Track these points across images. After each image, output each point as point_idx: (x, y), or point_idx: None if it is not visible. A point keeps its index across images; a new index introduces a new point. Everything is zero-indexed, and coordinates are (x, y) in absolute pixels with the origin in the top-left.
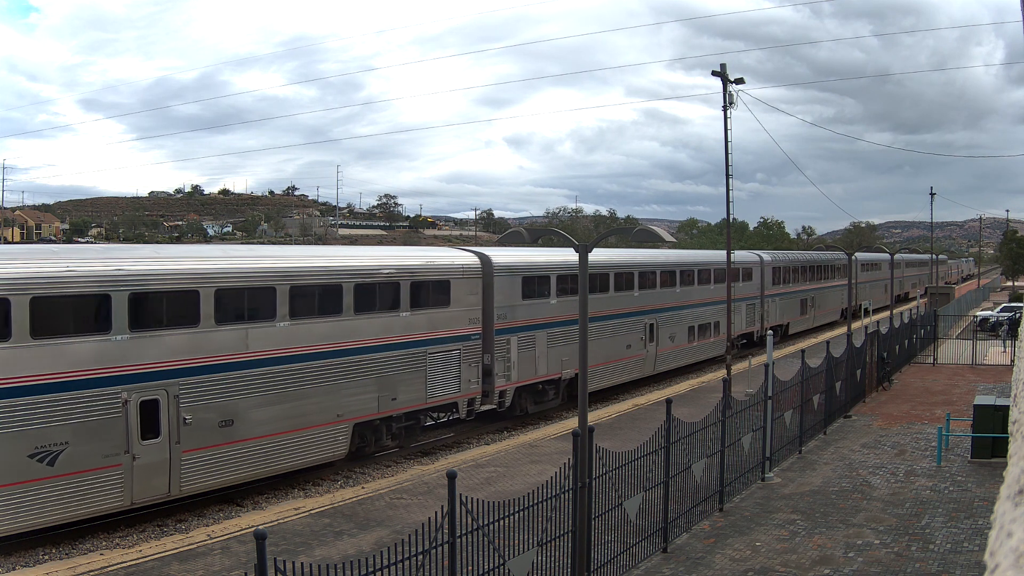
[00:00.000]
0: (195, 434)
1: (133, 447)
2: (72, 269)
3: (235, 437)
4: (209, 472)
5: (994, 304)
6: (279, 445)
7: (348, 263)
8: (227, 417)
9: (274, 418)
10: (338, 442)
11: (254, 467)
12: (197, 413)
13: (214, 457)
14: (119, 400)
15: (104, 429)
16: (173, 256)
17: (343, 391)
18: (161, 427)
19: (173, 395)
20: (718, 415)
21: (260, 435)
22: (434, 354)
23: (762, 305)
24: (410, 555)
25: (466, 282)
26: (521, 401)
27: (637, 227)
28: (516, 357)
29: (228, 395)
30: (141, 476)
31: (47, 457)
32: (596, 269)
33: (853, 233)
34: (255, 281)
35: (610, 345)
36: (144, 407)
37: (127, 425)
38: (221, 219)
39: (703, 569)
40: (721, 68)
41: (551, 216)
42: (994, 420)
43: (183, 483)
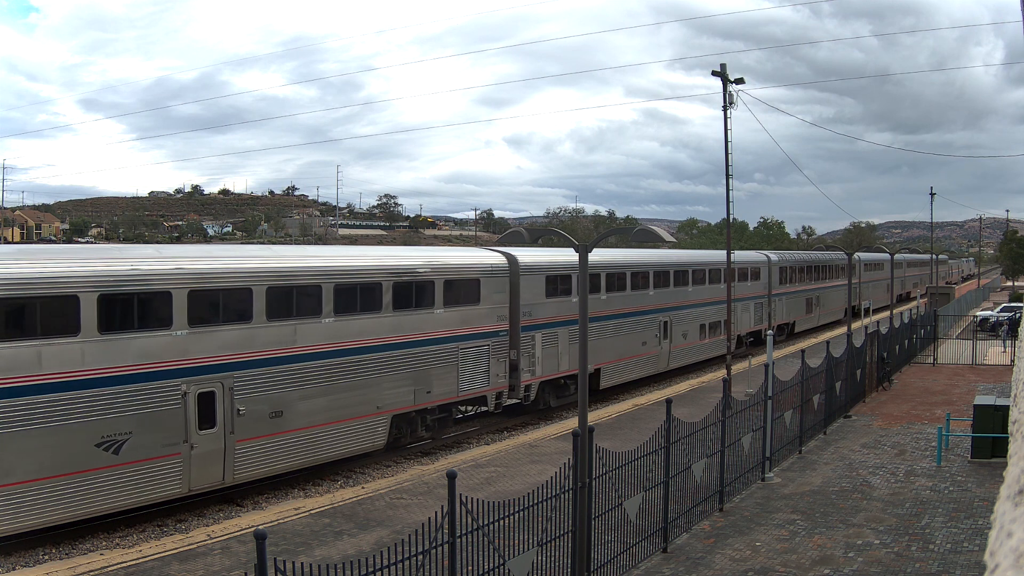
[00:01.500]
0: (248, 424)
1: (191, 437)
2: (136, 268)
3: (284, 428)
4: (260, 461)
5: (994, 304)
6: (323, 436)
7: (387, 262)
8: (277, 409)
9: (319, 410)
10: (377, 433)
11: (300, 456)
12: (250, 405)
13: (265, 446)
14: (179, 392)
15: (165, 419)
16: (227, 256)
17: (382, 384)
18: (217, 418)
19: (228, 387)
20: (718, 415)
21: (306, 426)
22: (465, 349)
23: (769, 304)
24: (410, 555)
25: (494, 281)
26: (544, 395)
27: (637, 227)
28: (540, 353)
29: (278, 387)
30: (198, 464)
31: (113, 446)
32: (613, 268)
33: (853, 233)
34: (303, 279)
35: (627, 342)
36: (201, 399)
37: (186, 416)
38: (221, 219)
39: (703, 569)
40: (721, 68)
41: (551, 216)
42: (994, 420)
43: (236, 471)
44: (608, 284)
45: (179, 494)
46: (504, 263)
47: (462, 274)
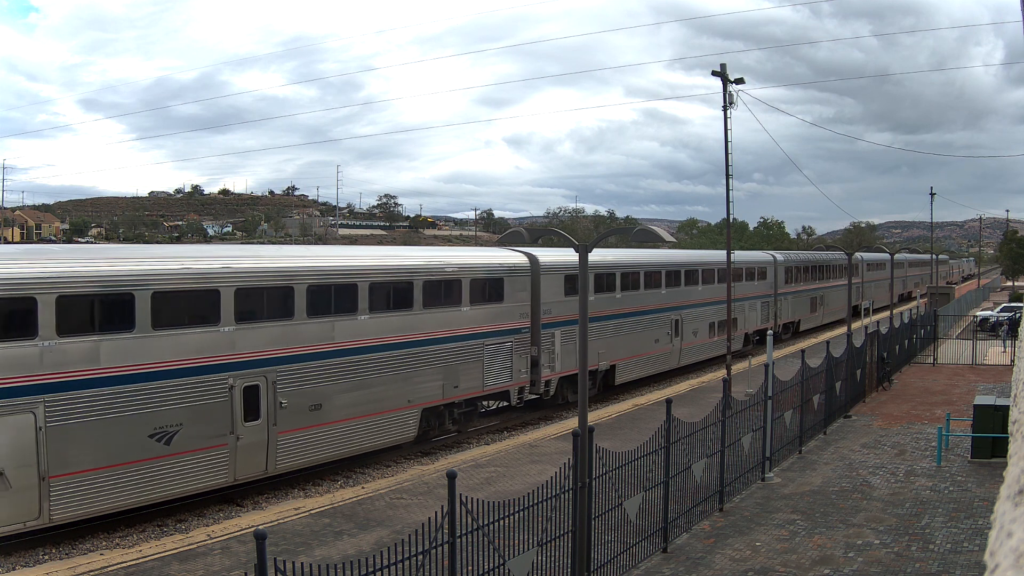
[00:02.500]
0: (289, 417)
1: (237, 428)
2: (188, 267)
3: (322, 420)
4: (300, 452)
5: (994, 304)
6: (359, 428)
7: (418, 262)
8: (316, 402)
9: (355, 403)
10: (408, 426)
11: (338, 448)
12: (291, 398)
13: (305, 438)
14: (226, 385)
15: (213, 412)
16: (271, 255)
17: (413, 379)
18: (261, 410)
19: (271, 381)
20: (718, 415)
21: (343, 418)
22: (490, 346)
23: (775, 303)
24: (410, 555)
25: (517, 279)
26: (562, 391)
27: (637, 227)
28: (559, 349)
29: (317, 381)
30: (244, 455)
31: (165, 437)
32: (627, 268)
33: (853, 233)
34: (340, 278)
35: (640, 339)
36: (247, 392)
37: (232, 408)
38: (221, 219)
39: (703, 569)
40: (721, 68)
41: (551, 216)
42: (994, 420)
43: (278, 462)
44: (623, 283)
45: (226, 483)
46: (526, 263)
47: (487, 273)
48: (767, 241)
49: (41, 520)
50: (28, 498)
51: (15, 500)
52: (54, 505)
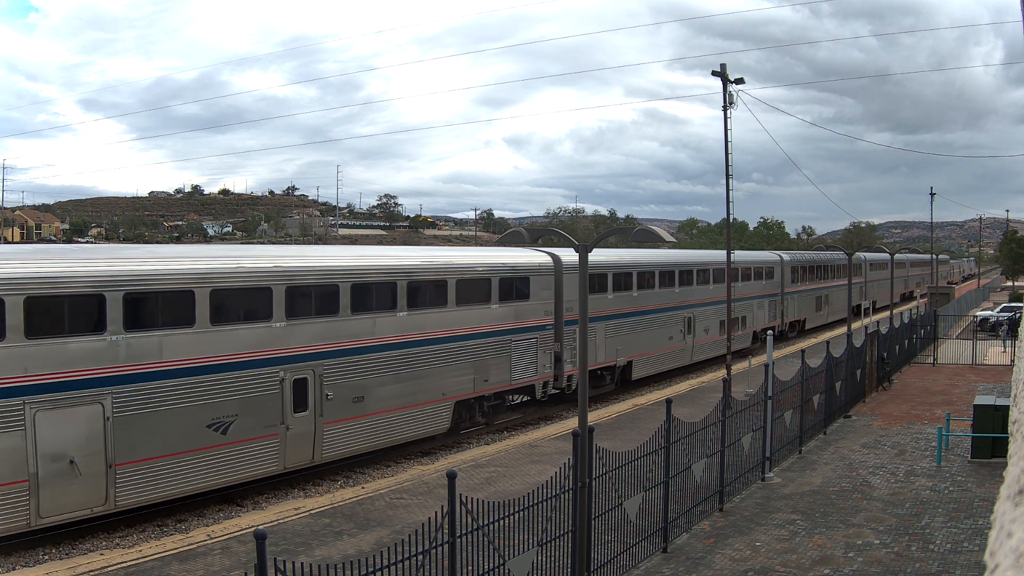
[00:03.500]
0: (334, 408)
1: (287, 419)
2: (242, 265)
3: (365, 412)
4: (344, 442)
5: (994, 304)
6: (397, 419)
7: (451, 261)
8: (359, 394)
9: (394, 395)
10: (442, 418)
11: (378, 438)
12: (336, 390)
13: (348, 429)
14: (278, 378)
15: (266, 403)
16: (317, 255)
17: (446, 373)
18: (309, 402)
19: (318, 374)
20: (718, 415)
21: (383, 410)
22: (517, 342)
23: (782, 302)
24: (410, 555)
25: (542, 278)
26: None
27: (637, 227)
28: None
29: (360, 375)
30: (293, 444)
31: (222, 427)
32: (643, 268)
33: (853, 233)
34: (381, 277)
35: (655, 337)
36: (296, 384)
37: (283, 400)
38: (221, 219)
39: (703, 569)
40: (721, 68)
41: (551, 216)
42: (994, 420)
43: (324, 451)
44: (639, 282)
45: (276, 471)
46: (550, 262)
47: (515, 273)
48: (767, 241)
49: (107, 506)
50: (96, 485)
51: (84, 486)
52: (119, 492)
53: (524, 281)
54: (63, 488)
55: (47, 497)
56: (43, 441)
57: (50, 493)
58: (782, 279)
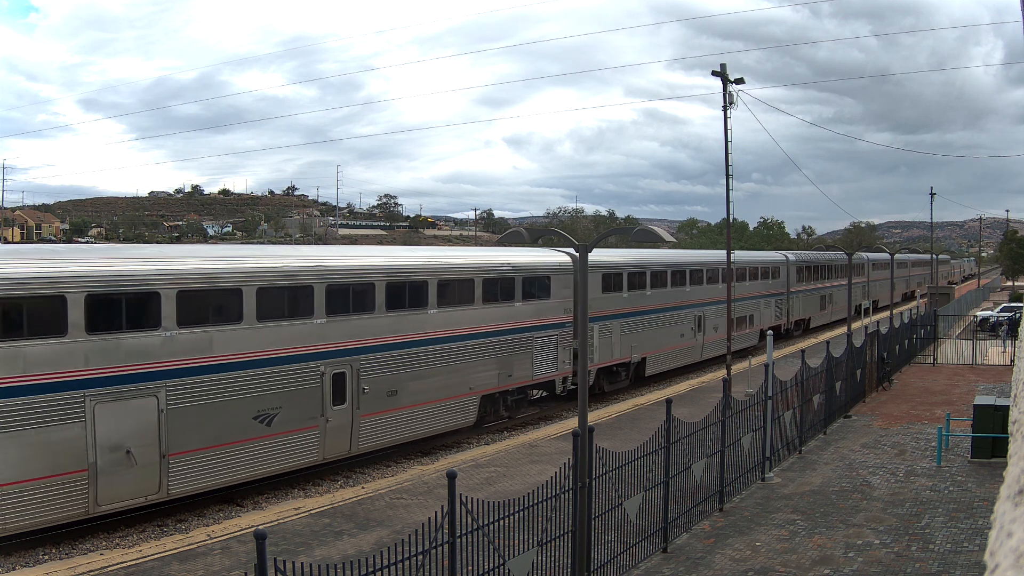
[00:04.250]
0: (370, 401)
1: (327, 411)
2: (287, 265)
3: (397, 405)
4: (378, 433)
5: (994, 304)
6: (428, 412)
7: (478, 261)
8: (393, 388)
9: (424, 390)
10: (469, 411)
11: (410, 430)
12: (372, 384)
13: (383, 421)
14: (318, 372)
15: (307, 396)
16: (355, 255)
17: (473, 368)
18: (346, 395)
19: (355, 369)
20: (718, 415)
21: (414, 404)
22: (538, 338)
23: (788, 301)
24: (410, 555)
25: (561, 277)
26: (599, 381)
27: (637, 227)
28: (597, 342)
29: (394, 369)
30: (331, 436)
31: (266, 419)
32: (656, 267)
33: (853, 233)
34: (414, 276)
35: (668, 334)
36: (335, 378)
37: (323, 393)
38: (221, 219)
39: (703, 569)
40: (721, 68)
41: (551, 216)
42: (994, 420)
43: (360, 442)
44: (652, 281)
45: (316, 462)
46: (569, 262)
47: (537, 272)
48: (767, 241)
49: (160, 494)
50: (150, 474)
51: (139, 476)
52: (172, 481)
53: (545, 280)
54: (120, 477)
55: (105, 486)
56: (102, 432)
57: (108, 482)
58: (787, 279)
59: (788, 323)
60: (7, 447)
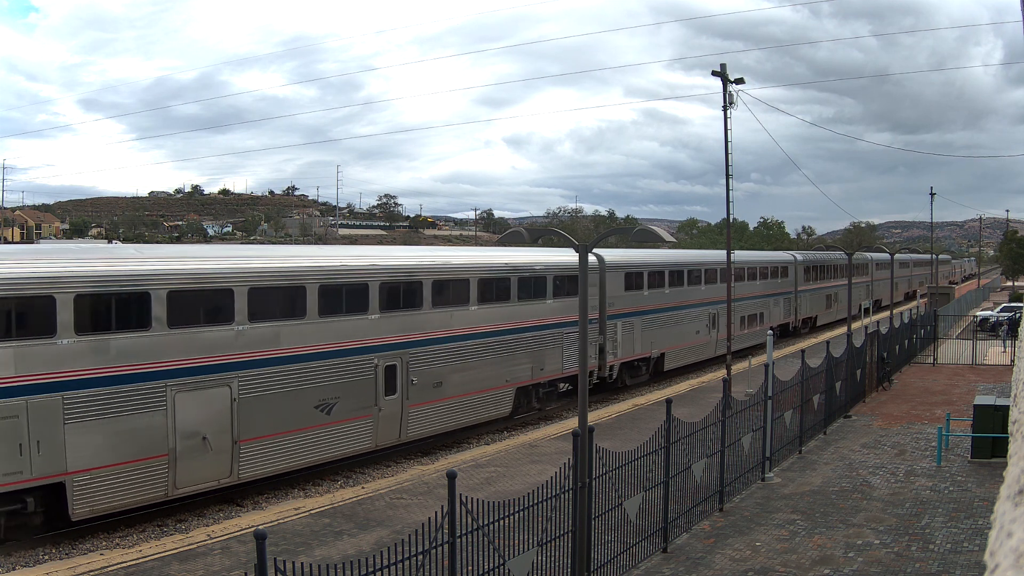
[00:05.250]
0: (418, 392)
1: (380, 401)
2: (345, 264)
3: (442, 396)
4: (425, 423)
5: (994, 304)
6: (469, 403)
7: (513, 261)
8: (438, 380)
9: (466, 381)
10: (505, 402)
11: (452, 420)
12: (420, 376)
13: (429, 411)
14: (373, 364)
15: (363, 387)
16: (405, 255)
17: (509, 362)
18: (397, 386)
19: (405, 361)
20: (718, 415)
21: (457, 395)
22: (567, 334)
23: (795, 299)
24: (410, 555)
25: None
26: (622, 375)
27: (637, 227)
28: (620, 338)
29: (438, 362)
30: (383, 424)
31: (326, 408)
32: (674, 267)
33: (853, 233)
34: (457, 274)
35: (684, 331)
36: (387, 370)
37: (376, 384)
38: (221, 219)
39: (703, 569)
40: (721, 68)
41: (551, 216)
42: (994, 420)
43: (408, 431)
44: (670, 280)
45: (369, 449)
46: (595, 261)
47: (566, 271)
48: (767, 241)
49: (232, 478)
50: (223, 459)
51: (214, 461)
52: (242, 466)
53: (574, 279)
54: (196, 462)
55: (183, 470)
56: (181, 419)
57: (186, 466)
58: (795, 278)
59: (796, 321)
60: (97, 434)
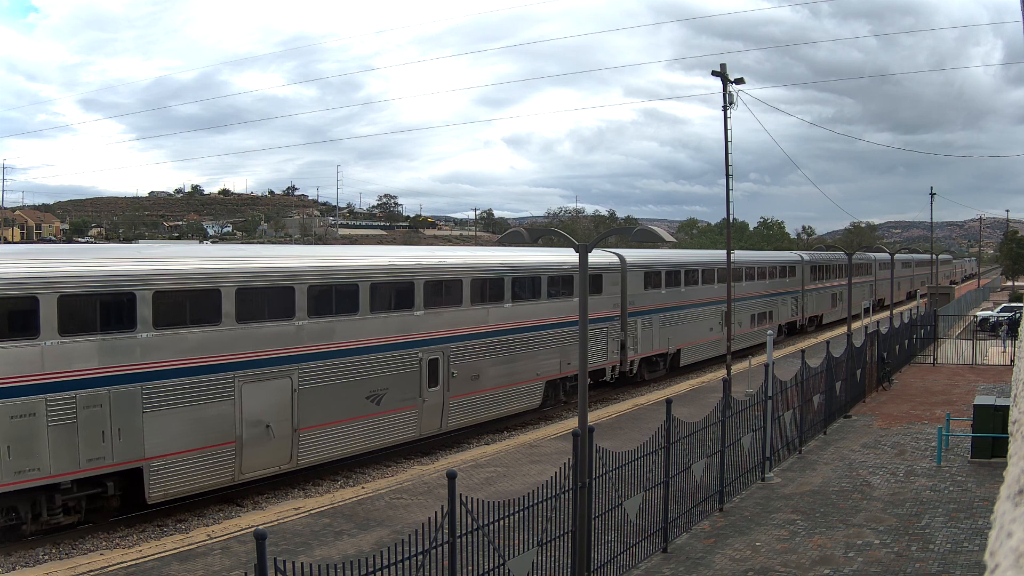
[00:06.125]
0: (458, 384)
1: (423, 392)
2: (393, 263)
3: (479, 388)
4: (464, 413)
5: (994, 304)
6: (503, 395)
7: (543, 260)
8: (476, 373)
9: (501, 375)
10: (536, 395)
11: (488, 411)
12: (459, 369)
13: (467, 402)
14: (417, 358)
15: (408, 379)
16: (447, 255)
17: (539, 356)
18: (439, 378)
19: (447, 355)
20: (718, 415)
21: (493, 387)
22: (593, 330)
23: (803, 298)
24: (410, 555)
25: (611, 275)
26: (641, 370)
27: (637, 227)
28: (640, 335)
29: (476, 356)
30: (427, 415)
31: (376, 398)
32: (689, 266)
33: (853, 233)
34: (494, 273)
35: (699, 328)
36: (430, 363)
37: (421, 376)
38: (221, 219)
39: (703, 569)
40: (721, 68)
41: (551, 216)
42: (994, 420)
43: (449, 421)
44: (686, 279)
45: (413, 438)
46: (617, 261)
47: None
48: (767, 241)
49: (291, 464)
50: (284, 446)
51: (276, 447)
52: (301, 452)
53: (598, 278)
54: (261, 449)
55: (249, 456)
56: (247, 409)
57: (251, 452)
58: (802, 277)
59: (803, 319)
60: (172, 422)
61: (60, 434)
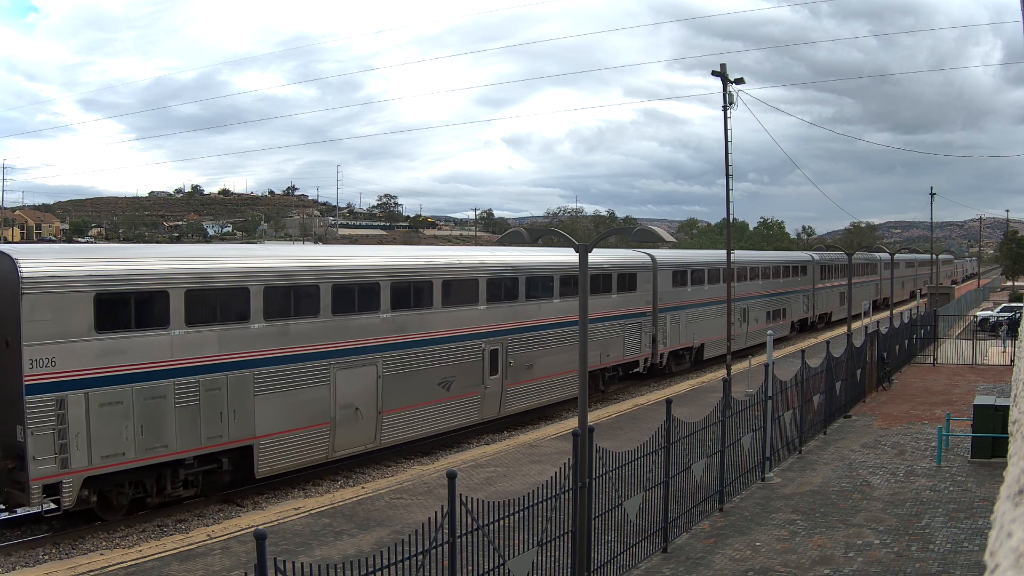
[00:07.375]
0: (514, 373)
1: (485, 380)
2: (461, 262)
3: (532, 377)
4: (519, 400)
5: (994, 304)
6: (551, 384)
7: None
8: (529, 363)
9: (550, 365)
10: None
11: (538, 398)
12: (516, 359)
13: (522, 390)
14: (480, 349)
15: (472, 368)
16: (505, 255)
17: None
18: (499, 367)
19: (505, 346)
20: (718, 415)
21: (542, 376)
22: (628, 325)
23: (813, 296)
24: (410, 555)
25: (644, 274)
26: (669, 363)
27: (637, 227)
28: (669, 330)
29: (530, 347)
30: (488, 401)
31: (446, 385)
32: (712, 266)
33: (853, 233)
34: (545, 272)
35: (720, 324)
36: (491, 354)
37: (483, 365)
38: (221, 219)
39: (703, 569)
40: (721, 68)
41: (551, 216)
42: (994, 420)
43: (505, 407)
44: (709, 278)
45: (476, 422)
46: (649, 261)
47: (627, 270)
48: (767, 241)
49: (375, 444)
50: (370, 427)
51: (363, 428)
52: (383, 433)
53: (632, 276)
54: (351, 429)
55: (340, 435)
56: (340, 393)
57: (343, 432)
58: (813, 276)
59: (814, 316)
60: (278, 404)
61: (185, 414)
